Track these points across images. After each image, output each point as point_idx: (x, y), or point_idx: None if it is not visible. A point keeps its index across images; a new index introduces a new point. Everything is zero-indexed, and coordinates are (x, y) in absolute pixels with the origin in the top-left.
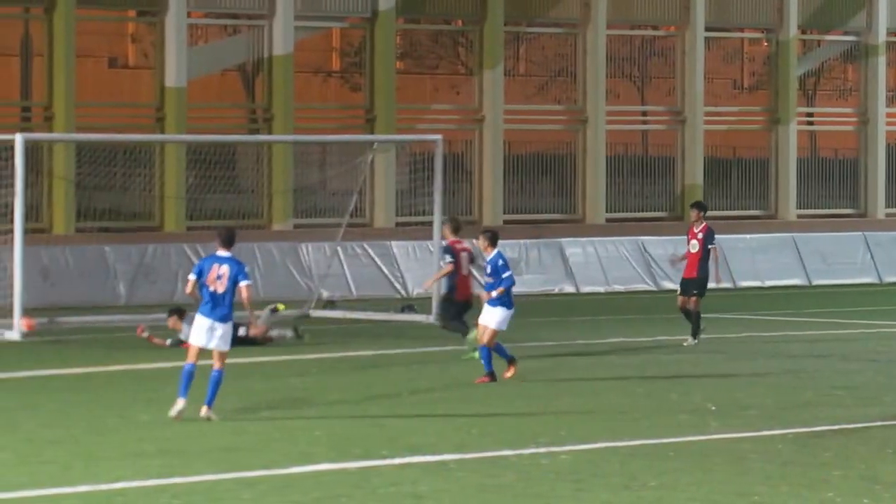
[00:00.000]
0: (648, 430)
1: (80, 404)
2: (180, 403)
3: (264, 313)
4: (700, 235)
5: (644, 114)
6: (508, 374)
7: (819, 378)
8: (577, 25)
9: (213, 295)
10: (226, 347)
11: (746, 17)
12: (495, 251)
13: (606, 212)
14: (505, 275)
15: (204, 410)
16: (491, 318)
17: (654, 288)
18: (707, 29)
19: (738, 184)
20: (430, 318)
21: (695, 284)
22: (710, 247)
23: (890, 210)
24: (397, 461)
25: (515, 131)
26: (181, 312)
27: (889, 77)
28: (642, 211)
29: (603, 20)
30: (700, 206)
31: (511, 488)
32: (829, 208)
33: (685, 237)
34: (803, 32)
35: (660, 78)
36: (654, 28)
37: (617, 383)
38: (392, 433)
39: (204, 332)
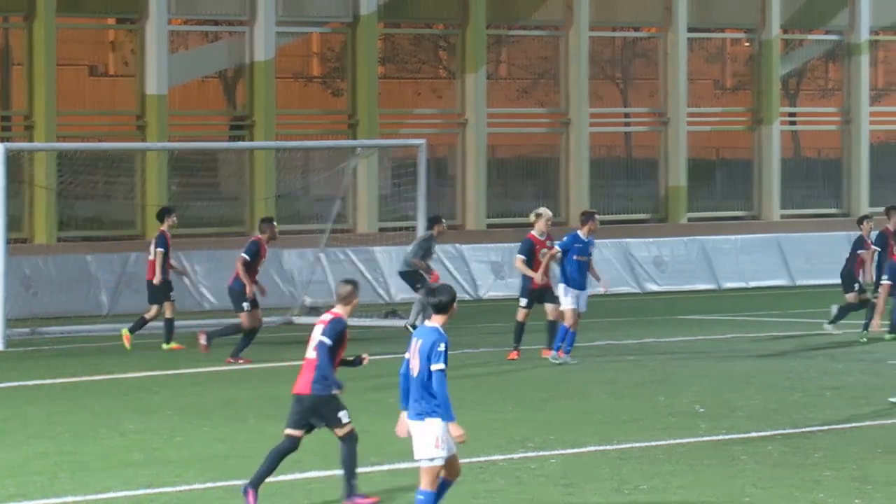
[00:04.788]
0: (638, 434)
1: (66, 414)
2: None
3: None
4: None
5: (627, 115)
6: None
7: (807, 379)
8: (559, 28)
9: None
10: None
11: (728, 18)
12: None
13: None
14: None
15: None
16: None
17: (638, 290)
18: (689, 30)
19: (722, 185)
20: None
21: None
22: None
23: (874, 209)
24: (386, 467)
25: (499, 135)
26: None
27: (872, 76)
28: (626, 213)
29: (585, 22)
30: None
31: (502, 493)
32: (813, 208)
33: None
34: (785, 32)
35: (642, 79)
36: (636, 29)
37: (605, 387)
38: (380, 439)
39: None
